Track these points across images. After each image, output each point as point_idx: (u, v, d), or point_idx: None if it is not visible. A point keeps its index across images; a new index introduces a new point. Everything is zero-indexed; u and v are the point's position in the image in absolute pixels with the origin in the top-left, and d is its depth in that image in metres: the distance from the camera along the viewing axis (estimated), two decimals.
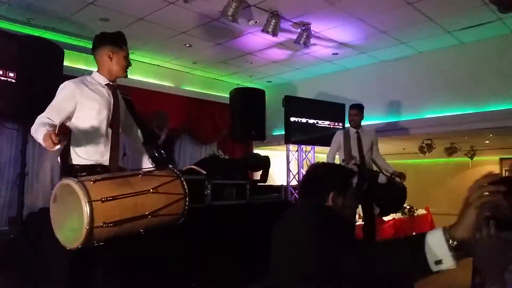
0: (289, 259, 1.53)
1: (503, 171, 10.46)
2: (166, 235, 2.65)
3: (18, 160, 4.24)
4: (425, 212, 8.90)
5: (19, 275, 3.07)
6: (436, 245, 1.15)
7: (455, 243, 1.15)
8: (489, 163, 10.54)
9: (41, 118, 2.13)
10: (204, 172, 3.85)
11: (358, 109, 4.73)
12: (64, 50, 4.54)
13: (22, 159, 3.42)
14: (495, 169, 10.58)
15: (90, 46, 2.46)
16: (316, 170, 1.77)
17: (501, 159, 10.52)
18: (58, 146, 1.90)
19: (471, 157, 9.24)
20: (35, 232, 3.32)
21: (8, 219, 4.63)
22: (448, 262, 1.14)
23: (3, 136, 5.07)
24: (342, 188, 1.65)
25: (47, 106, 2.23)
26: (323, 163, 1.89)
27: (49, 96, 2.26)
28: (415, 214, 8.50)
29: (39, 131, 2.04)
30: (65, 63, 4.70)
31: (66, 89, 2.25)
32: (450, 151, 8.53)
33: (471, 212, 1.15)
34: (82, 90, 2.26)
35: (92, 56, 2.46)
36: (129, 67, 2.46)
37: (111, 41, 2.38)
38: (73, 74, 5.11)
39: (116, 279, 2.22)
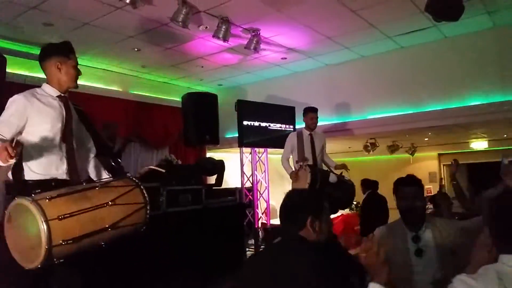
0: None
1: (441, 166, 11.28)
2: (122, 244, 2.63)
3: None
4: None
5: None
6: None
7: None
8: (428, 159, 11.29)
9: None
10: (163, 171, 3.80)
11: (317, 112, 4.93)
12: (7, 56, 4.30)
13: None
14: (434, 164, 11.37)
15: (34, 51, 2.40)
16: (292, 198, 1.91)
17: (439, 155, 11.30)
18: (13, 160, 1.85)
19: (412, 154, 9.85)
20: None
21: None
22: None
23: None
24: (318, 212, 1.81)
25: None
26: (297, 190, 2.04)
27: None
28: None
29: None
30: (8, 69, 4.46)
31: (16, 104, 2.18)
32: (392, 148, 9.05)
33: (384, 265, 1.44)
34: (32, 104, 2.19)
35: (36, 61, 2.39)
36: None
37: (58, 52, 2.33)
38: (16, 81, 4.92)
39: None
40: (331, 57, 6.59)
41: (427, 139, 8.41)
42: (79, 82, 2.46)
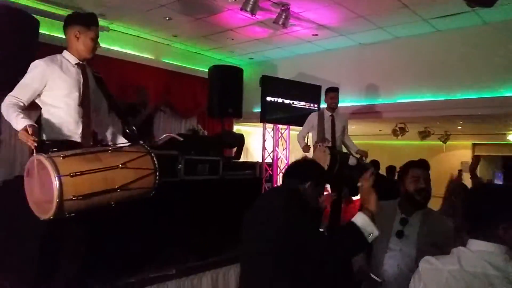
0: (259, 237, 1.80)
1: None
2: (138, 207, 2.78)
3: None
4: None
5: None
6: (364, 224, 1.66)
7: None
8: (462, 148, 10.92)
9: (9, 98, 2.20)
10: (181, 139, 3.93)
11: (337, 92, 4.87)
12: (42, 18, 4.48)
13: None
14: (468, 153, 11.01)
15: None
16: (307, 160, 2.12)
17: (474, 144, 10.91)
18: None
19: (444, 141, 9.55)
20: (10, 199, 3.40)
21: None
22: (376, 232, 1.66)
23: None
24: (318, 183, 1.97)
25: (20, 76, 2.29)
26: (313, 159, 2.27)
27: (23, 66, 2.32)
28: None
29: (11, 116, 2.13)
30: (43, 31, 4.64)
31: (36, 69, 2.30)
32: (424, 134, 8.80)
33: (370, 192, 1.74)
34: (52, 70, 2.31)
35: None
36: (97, 49, 2.50)
37: (80, 21, 2.42)
38: (50, 42, 5.12)
39: (83, 250, 2.36)
40: (364, 36, 6.41)
41: (460, 127, 8.12)
42: (113, 47, 2.55)
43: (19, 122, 2.07)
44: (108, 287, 2.85)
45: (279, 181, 6.81)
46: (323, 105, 6.23)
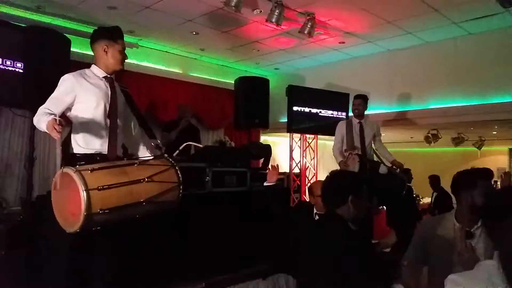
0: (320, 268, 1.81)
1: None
2: (167, 219, 2.78)
3: (27, 145, 4.44)
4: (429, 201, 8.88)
5: (26, 256, 3.24)
6: None
7: None
8: (498, 153, 10.50)
9: (41, 109, 2.25)
10: (201, 145, 3.90)
11: (362, 99, 4.76)
12: (73, 36, 4.63)
13: (30, 145, 3.57)
14: (504, 159, 10.53)
15: None
16: (334, 178, 2.11)
17: (511, 150, 10.44)
18: (64, 134, 2.02)
19: (479, 147, 9.20)
20: (44, 213, 3.49)
21: (19, 199, 4.86)
22: None
23: (14, 123, 5.27)
24: (358, 192, 1.96)
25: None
26: (339, 171, 2.23)
27: (55, 84, 2.37)
28: (420, 203, 8.48)
29: (41, 121, 2.16)
30: (74, 49, 4.80)
31: (65, 82, 2.36)
32: (457, 141, 8.52)
33: None
34: (81, 83, 2.36)
35: None
36: (125, 60, 2.53)
37: (106, 36, 2.46)
38: (81, 60, 5.29)
39: (114, 262, 2.37)
40: (392, 42, 6.28)
41: (495, 132, 7.78)
42: (142, 63, 2.59)
43: (48, 118, 2.08)
44: None
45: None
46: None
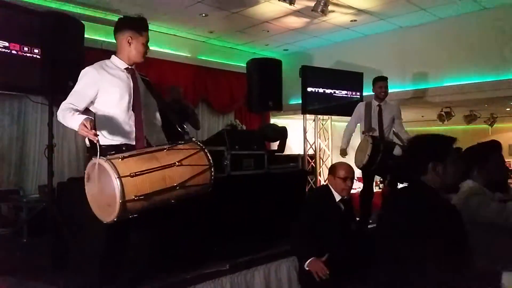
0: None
1: None
2: (188, 205, 2.77)
3: (45, 132, 4.41)
4: None
5: (51, 242, 3.26)
6: None
7: None
8: (509, 130, 10.38)
9: (65, 104, 2.21)
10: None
11: (386, 81, 4.70)
12: (84, 22, 4.55)
13: (49, 131, 3.54)
14: None
15: (108, 17, 2.48)
16: (413, 143, 1.89)
17: None
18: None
19: (491, 125, 9.11)
20: (65, 201, 3.50)
21: (38, 187, 4.87)
22: None
23: (31, 110, 5.28)
24: (441, 157, 1.73)
25: (70, 79, 2.31)
26: (421, 135, 1.91)
27: (72, 70, 2.33)
28: None
29: (67, 117, 2.14)
30: (86, 35, 4.72)
31: (87, 76, 2.31)
32: (470, 118, 8.43)
33: None
34: (102, 76, 2.32)
35: (112, 27, 2.48)
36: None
37: (132, 27, 2.40)
38: (93, 46, 5.23)
39: (147, 249, 2.37)
40: (405, 19, 6.17)
41: (508, 109, 7.69)
42: (150, 47, 2.55)
43: (76, 119, 2.07)
44: (164, 284, 2.86)
45: (323, 173, 6.69)
46: (366, 93, 6.06)
